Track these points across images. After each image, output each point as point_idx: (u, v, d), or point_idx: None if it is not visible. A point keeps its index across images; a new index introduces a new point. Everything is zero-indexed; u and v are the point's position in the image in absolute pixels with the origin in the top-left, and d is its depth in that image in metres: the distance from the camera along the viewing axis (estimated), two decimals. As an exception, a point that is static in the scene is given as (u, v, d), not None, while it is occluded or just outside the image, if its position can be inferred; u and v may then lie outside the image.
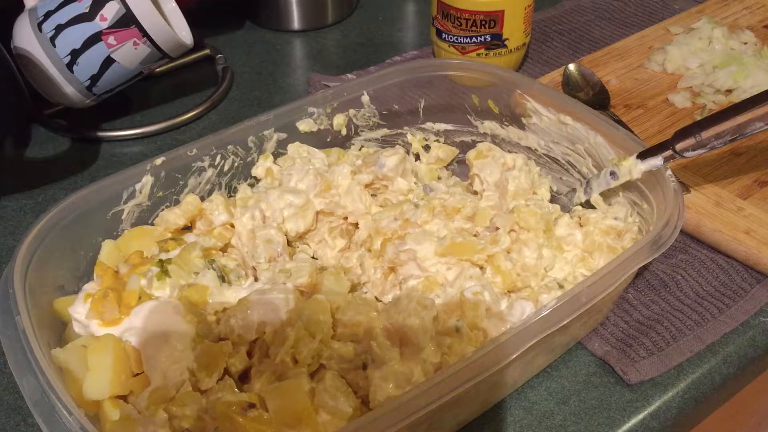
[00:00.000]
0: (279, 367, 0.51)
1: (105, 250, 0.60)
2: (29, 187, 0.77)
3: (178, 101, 0.89)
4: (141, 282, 0.55)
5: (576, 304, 0.49)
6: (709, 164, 0.73)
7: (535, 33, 0.97)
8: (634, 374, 0.57)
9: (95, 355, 0.51)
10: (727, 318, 0.61)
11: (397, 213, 0.63)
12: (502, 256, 0.58)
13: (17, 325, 0.48)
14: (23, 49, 0.75)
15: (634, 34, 0.95)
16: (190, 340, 0.52)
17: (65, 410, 0.43)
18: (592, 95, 0.83)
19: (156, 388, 0.50)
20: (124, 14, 0.74)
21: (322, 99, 0.70)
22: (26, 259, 0.53)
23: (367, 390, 0.50)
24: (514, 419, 0.55)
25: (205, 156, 0.65)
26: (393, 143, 0.75)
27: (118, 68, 0.77)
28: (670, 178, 0.58)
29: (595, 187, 0.65)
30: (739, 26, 0.94)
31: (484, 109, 0.72)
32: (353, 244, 0.66)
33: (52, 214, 0.56)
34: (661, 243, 0.53)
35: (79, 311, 0.54)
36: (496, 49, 0.85)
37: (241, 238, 0.63)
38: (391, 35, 1.03)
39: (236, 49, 0.99)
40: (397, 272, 0.60)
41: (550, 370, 0.59)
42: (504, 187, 0.66)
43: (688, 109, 0.82)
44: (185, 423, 0.48)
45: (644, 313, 0.62)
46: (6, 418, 0.56)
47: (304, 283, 0.57)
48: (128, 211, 0.62)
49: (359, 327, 0.53)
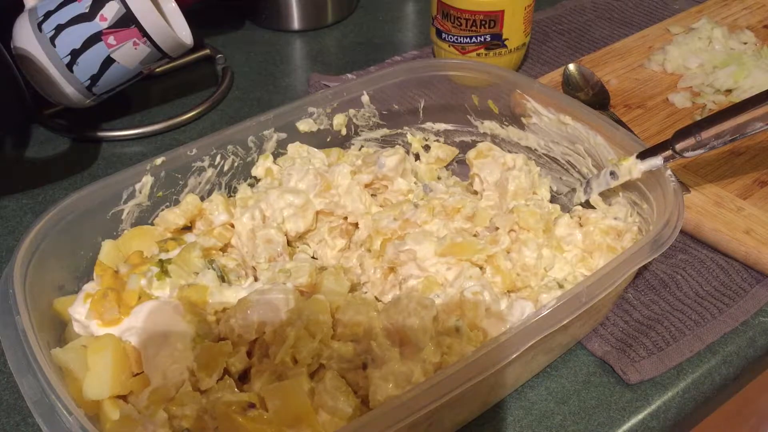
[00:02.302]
0: (279, 367, 0.51)
1: (105, 250, 0.60)
2: (29, 187, 0.77)
3: (178, 101, 0.89)
4: (141, 282, 0.55)
5: (576, 304, 0.49)
6: (709, 164, 0.73)
7: (535, 33, 0.97)
8: (634, 374, 0.57)
9: (95, 355, 0.51)
10: (727, 318, 0.61)
11: (396, 213, 0.63)
12: (501, 256, 0.58)
13: (17, 325, 0.48)
14: (23, 49, 0.75)
15: (634, 34, 0.95)
16: (190, 340, 0.52)
17: (65, 410, 0.43)
18: (592, 95, 0.83)
19: (156, 388, 0.50)
20: (124, 14, 0.74)
21: (322, 99, 0.70)
22: (26, 259, 0.53)
23: (367, 390, 0.50)
24: (514, 419, 0.55)
25: (205, 156, 0.65)
26: (393, 143, 0.75)
27: (118, 68, 0.77)
28: (670, 178, 0.58)
29: (595, 187, 0.65)
30: (739, 26, 0.94)
31: (484, 109, 0.72)
32: (353, 244, 0.66)
33: (52, 214, 0.56)
34: (661, 243, 0.53)
35: (79, 311, 0.54)
36: (496, 49, 0.85)
37: (241, 238, 0.63)
38: (391, 35, 1.03)
39: (236, 49, 0.99)
40: (397, 272, 0.60)
41: (550, 370, 0.59)
42: (504, 187, 0.66)
43: (688, 109, 0.82)
44: (185, 423, 0.48)
45: (644, 313, 0.62)
46: (6, 418, 0.56)
47: (304, 283, 0.57)
48: (128, 211, 0.62)
49: (359, 327, 0.53)
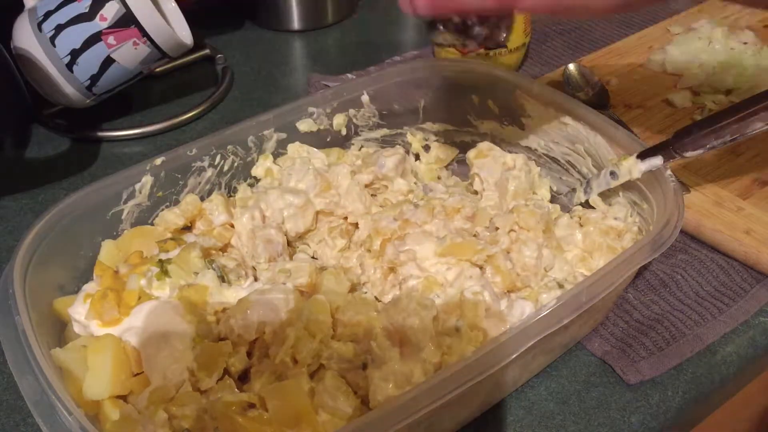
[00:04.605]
0: (279, 367, 0.51)
1: (105, 250, 0.60)
2: (29, 187, 0.77)
3: (178, 101, 0.89)
4: (141, 282, 0.55)
5: (576, 304, 0.49)
6: (709, 164, 0.73)
7: (535, 33, 0.97)
8: (634, 374, 0.57)
9: (95, 355, 0.51)
10: (727, 318, 0.61)
11: (396, 213, 0.63)
12: (501, 256, 0.58)
13: (17, 325, 0.48)
14: (23, 49, 0.75)
15: (634, 34, 0.95)
16: (190, 340, 0.52)
17: (65, 410, 0.43)
18: (592, 95, 0.83)
19: (156, 388, 0.50)
20: (124, 14, 0.74)
21: (322, 99, 0.70)
22: (26, 259, 0.53)
23: (366, 390, 0.50)
24: (514, 419, 0.55)
25: (205, 156, 0.65)
26: (393, 143, 0.75)
27: (118, 68, 0.77)
28: (670, 178, 0.58)
29: (595, 187, 0.65)
30: (739, 26, 0.94)
31: (484, 109, 0.72)
32: (353, 244, 0.66)
33: (52, 214, 0.57)
34: (661, 243, 0.53)
35: (79, 311, 0.54)
36: (496, 49, 0.85)
37: (241, 238, 0.63)
38: (391, 35, 1.03)
39: (236, 49, 0.99)
40: (397, 272, 0.60)
41: (550, 370, 0.58)
42: (504, 187, 0.66)
43: (688, 109, 0.82)
44: (185, 423, 0.48)
45: (644, 313, 0.62)
46: (6, 418, 0.56)
47: (304, 283, 0.57)
48: (128, 211, 0.62)
49: (359, 327, 0.53)
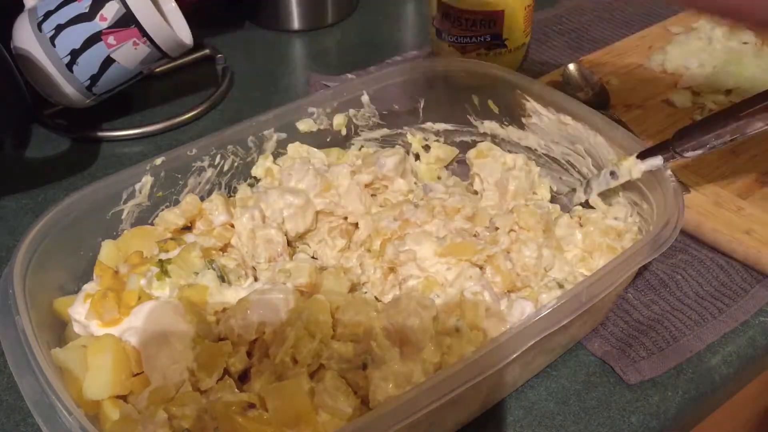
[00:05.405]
0: (279, 367, 0.51)
1: (105, 250, 0.60)
2: (29, 187, 0.77)
3: (178, 101, 0.89)
4: (141, 282, 0.55)
5: (576, 304, 0.49)
6: (709, 164, 0.73)
7: (535, 33, 0.97)
8: (634, 374, 0.57)
9: (95, 355, 0.51)
10: (727, 318, 0.61)
11: (396, 213, 0.63)
12: (501, 256, 0.58)
13: (17, 325, 0.48)
14: (23, 49, 0.75)
15: (634, 34, 0.95)
16: (190, 340, 0.52)
17: (65, 410, 0.43)
18: (592, 95, 0.82)
19: (156, 388, 0.50)
20: (124, 14, 0.74)
21: (322, 99, 0.70)
22: (26, 259, 0.53)
23: (366, 390, 0.50)
24: (514, 419, 0.55)
25: (205, 156, 0.65)
26: (393, 143, 0.75)
27: (118, 68, 0.77)
28: (670, 178, 0.58)
29: (595, 187, 0.65)
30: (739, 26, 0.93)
31: (484, 109, 0.72)
32: (353, 244, 0.66)
33: (52, 214, 0.56)
34: (661, 243, 0.53)
35: (79, 311, 0.54)
36: (496, 49, 0.85)
37: (241, 238, 0.63)
38: (391, 35, 1.03)
39: (236, 49, 0.99)
40: (397, 272, 0.60)
41: (550, 370, 0.58)
42: (504, 187, 0.66)
43: (688, 109, 0.82)
44: (185, 423, 0.48)
45: (644, 313, 0.62)
46: (6, 418, 0.56)
47: (303, 283, 0.57)
48: (128, 211, 0.62)
49: (359, 327, 0.53)
